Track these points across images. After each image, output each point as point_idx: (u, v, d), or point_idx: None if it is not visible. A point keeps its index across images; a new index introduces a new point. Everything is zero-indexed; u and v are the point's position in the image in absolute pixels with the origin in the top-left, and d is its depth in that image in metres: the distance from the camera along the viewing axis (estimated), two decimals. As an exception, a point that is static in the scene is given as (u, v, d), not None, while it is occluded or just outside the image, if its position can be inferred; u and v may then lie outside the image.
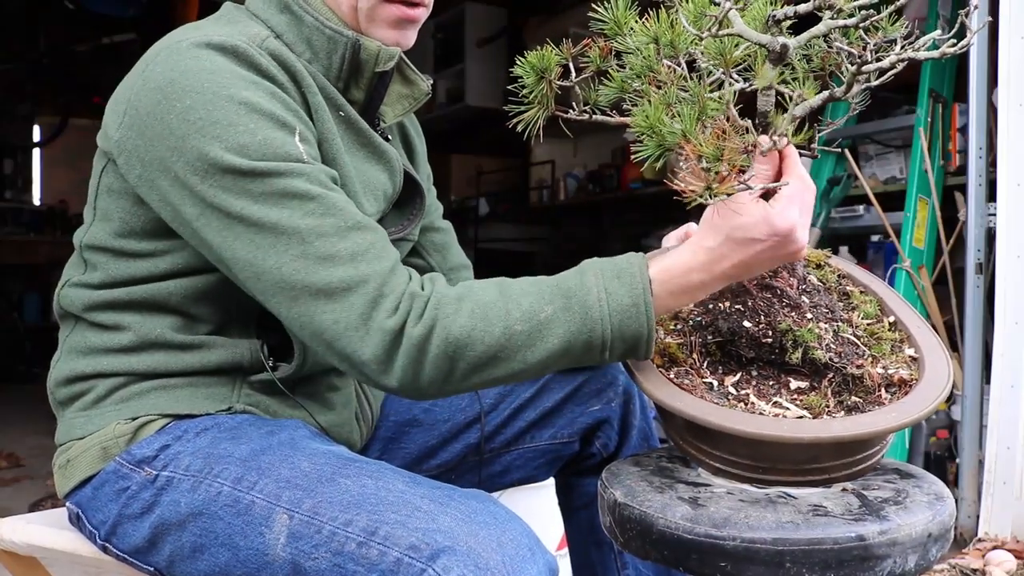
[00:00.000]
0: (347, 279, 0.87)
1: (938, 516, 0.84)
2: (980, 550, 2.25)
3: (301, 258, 0.87)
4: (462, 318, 0.87)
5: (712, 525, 0.81)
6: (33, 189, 7.11)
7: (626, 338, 0.88)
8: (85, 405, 1.02)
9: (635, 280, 0.88)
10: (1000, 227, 2.42)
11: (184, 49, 0.93)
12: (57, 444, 1.05)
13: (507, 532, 0.81)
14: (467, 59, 5.57)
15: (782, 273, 0.91)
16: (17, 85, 6.54)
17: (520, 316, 0.87)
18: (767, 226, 0.86)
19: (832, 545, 0.79)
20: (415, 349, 0.86)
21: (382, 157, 1.08)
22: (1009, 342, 2.38)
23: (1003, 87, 2.42)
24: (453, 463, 1.24)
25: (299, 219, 0.88)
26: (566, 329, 0.87)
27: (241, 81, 0.91)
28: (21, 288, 6.63)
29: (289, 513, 0.86)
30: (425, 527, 0.80)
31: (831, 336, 0.85)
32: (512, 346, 0.87)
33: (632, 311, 0.87)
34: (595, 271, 0.90)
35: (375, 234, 0.91)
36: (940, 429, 2.80)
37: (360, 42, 1.02)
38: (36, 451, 3.73)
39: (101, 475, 0.99)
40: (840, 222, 3.13)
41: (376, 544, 0.80)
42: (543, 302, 0.88)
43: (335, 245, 0.88)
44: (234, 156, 0.88)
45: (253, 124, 0.89)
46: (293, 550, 0.84)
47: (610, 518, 0.91)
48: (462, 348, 0.86)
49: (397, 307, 0.87)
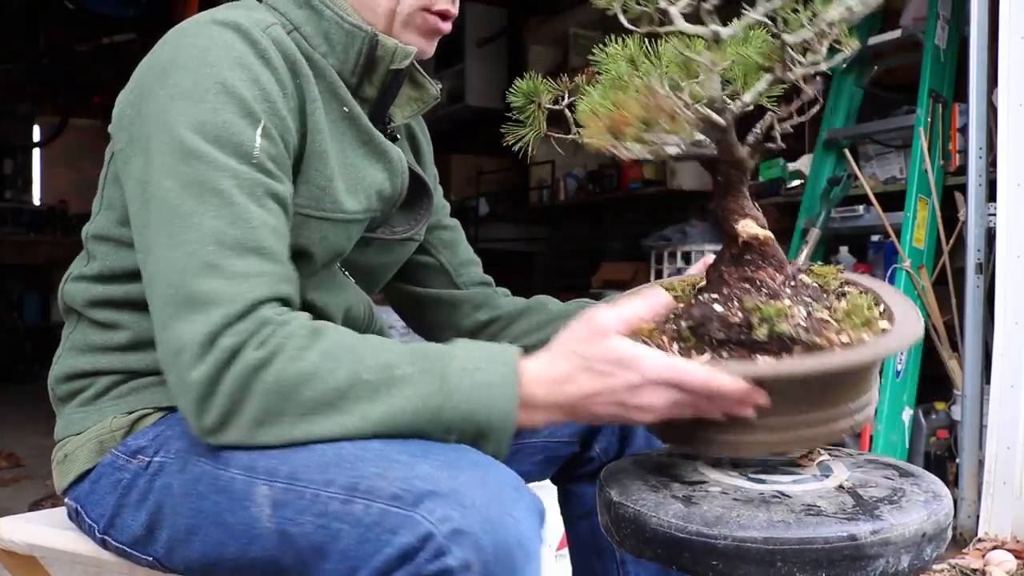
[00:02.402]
0: (217, 294, 0.82)
1: (933, 515, 0.84)
2: (980, 550, 2.25)
3: (190, 257, 0.84)
4: (311, 353, 0.81)
5: (704, 524, 0.81)
6: (33, 189, 7.12)
7: (481, 422, 0.82)
8: (83, 401, 1.03)
9: (507, 364, 0.84)
10: (1000, 227, 2.42)
11: (189, 27, 0.94)
12: (56, 440, 1.06)
13: (490, 473, 0.79)
14: (467, 59, 5.57)
15: (765, 268, 0.92)
16: (17, 85, 6.55)
17: (374, 366, 0.82)
18: (614, 352, 0.83)
19: (823, 544, 0.78)
20: (248, 373, 0.81)
21: (383, 157, 1.08)
22: (1009, 342, 2.38)
23: (1003, 87, 2.42)
24: None
25: (208, 218, 0.85)
26: (418, 391, 0.82)
27: (228, 60, 0.91)
28: (21, 288, 6.64)
29: (268, 483, 0.83)
30: (405, 475, 0.77)
31: (802, 315, 0.85)
32: (354, 395, 0.81)
33: (497, 391, 0.82)
34: (465, 345, 0.86)
35: (273, 265, 0.87)
36: (940, 429, 2.80)
37: (378, 38, 1.03)
38: (36, 451, 3.73)
39: (98, 469, 0.99)
40: (840, 222, 3.13)
41: (359, 499, 0.78)
42: (402, 360, 0.83)
43: (226, 258, 0.84)
44: (189, 132, 0.87)
45: (220, 104, 0.89)
46: (279, 519, 0.82)
47: (607, 517, 0.91)
48: (301, 384, 0.81)
49: (241, 328, 0.82)
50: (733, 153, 0.91)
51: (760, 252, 0.92)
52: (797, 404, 0.85)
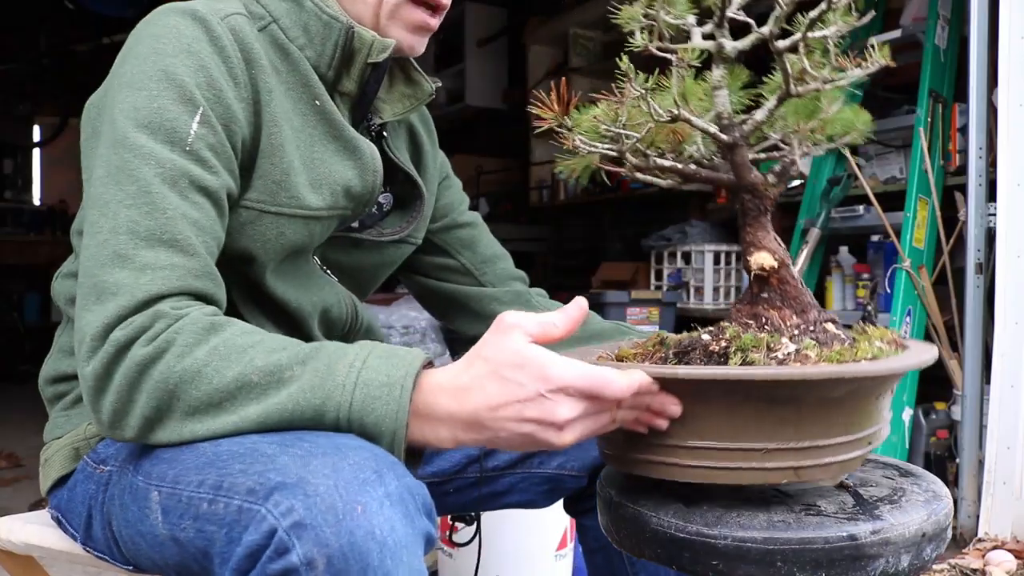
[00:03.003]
0: (120, 285, 0.80)
1: (933, 515, 0.83)
2: (980, 550, 2.25)
3: (102, 246, 0.82)
4: (200, 351, 0.78)
5: (704, 524, 0.81)
6: (33, 189, 7.12)
7: (367, 424, 0.76)
8: (66, 405, 1.03)
9: (404, 365, 0.77)
10: (1000, 227, 2.42)
11: (151, 17, 0.94)
12: (44, 442, 1.06)
13: (347, 457, 0.72)
14: (467, 59, 5.57)
15: (782, 309, 0.88)
16: (17, 85, 6.55)
17: (263, 367, 0.78)
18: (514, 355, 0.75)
19: (823, 544, 0.78)
20: (135, 371, 0.78)
21: (353, 153, 1.04)
22: (1009, 342, 2.38)
23: (1003, 87, 2.42)
24: (450, 472, 1.21)
25: (123, 207, 0.82)
26: (300, 387, 0.77)
27: (176, 48, 0.89)
28: (21, 288, 6.64)
29: (158, 489, 0.81)
30: (262, 469, 0.72)
31: (789, 350, 0.82)
32: (242, 397, 0.78)
33: (384, 391, 0.75)
34: (367, 344, 0.80)
35: (185, 259, 0.83)
36: (940, 429, 2.80)
37: (354, 29, 1.01)
38: (36, 451, 3.69)
39: (74, 476, 0.99)
40: (840, 222, 3.13)
41: (222, 498, 0.74)
42: (295, 361, 0.78)
43: (135, 249, 0.81)
44: (123, 119, 0.86)
45: (157, 91, 0.87)
46: (168, 525, 0.79)
47: (606, 517, 0.91)
48: (187, 383, 0.77)
49: (134, 322, 0.79)
50: (745, 175, 0.89)
51: (780, 292, 0.89)
52: (737, 430, 0.79)
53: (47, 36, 6.67)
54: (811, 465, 0.80)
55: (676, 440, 0.81)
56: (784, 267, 0.89)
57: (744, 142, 0.88)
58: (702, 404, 0.79)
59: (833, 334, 0.87)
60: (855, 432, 0.82)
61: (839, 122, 0.88)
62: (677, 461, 0.81)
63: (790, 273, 0.90)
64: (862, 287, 3.10)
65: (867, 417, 0.84)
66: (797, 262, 3.11)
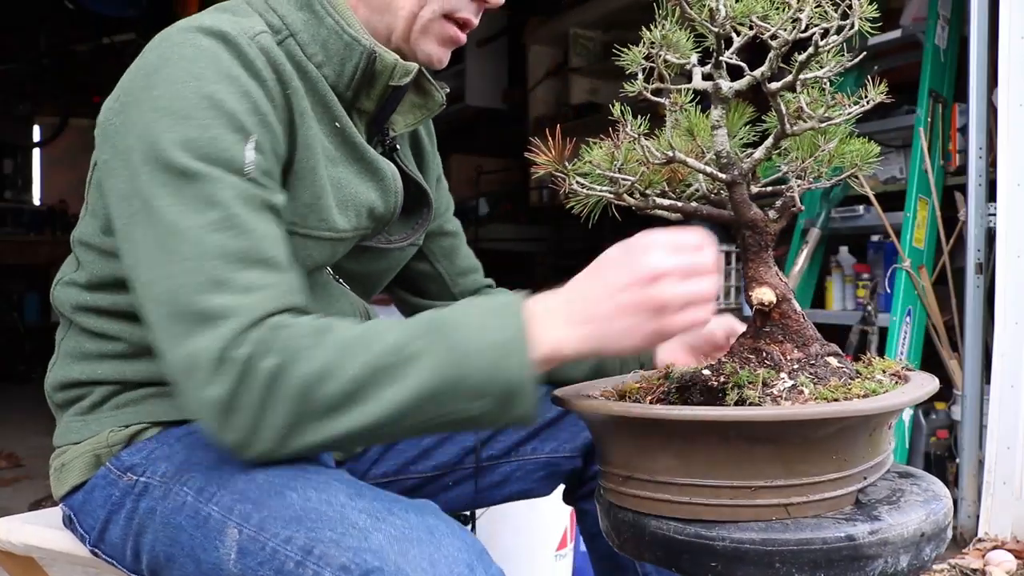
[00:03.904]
0: (227, 309, 0.81)
1: (932, 515, 0.84)
2: (980, 550, 2.25)
3: (194, 272, 0.82)
4: (320, 350, 0.80)
5: (702, 526, 0.81)
6: (33, 189, 7.12)
7: (500, 381, 0.80)
8: (81, 410, 1.02)
9: (514, 316, 0.82)
10: (1000, 227, 2.42)
11: (175, 34, 0.91)
12: (55, 446, 1.06)
13: (441, 549, 0.77)
14: (467, 59, 5.56)
15: (784, 343, 0.90)
16: (17, 85, 6.55)
17: (385, 348, 0.80)
18: (619, 247, 0.86)
19: (821, 545, 0.78)
20: (263, 385, 0.79)
21: (375, 175, 1.05)
22: (1009, 342, 2.38)
23: (1003, 87, 2.42)
24: (449, 465, 1.23)
25: (208, 232, 0.83)
26: (435, 362, 0.80)
27: (216, 73, 0.88)
28: (21, 288, 6.64)
29: (239, 527, 0.84)
30: (357, 546, 0.77)
31: (785, 386, 0.83)
32: (374, 382, 0.80)
33: (509, 346, 0.80)
34: (473, 305, 0.85)
35: (280, 275, 0.86)
36: (940, 429, 2.80)
37: (376, 53, 0.99)
38: (36, 451, 3.72)
39: (93, 480, 0.99)
40: (840, 222, 3.13)
41: (311, 564, 0.78)
42: (413, 336, 0.81)
43: (233, 272, 0.82)
44: (177, 150, 0.85)
45: (208, 120, 0.86)
46: (242, 566, 0.83)
47: (607, 522, 0.91)
48: (316, 383, 0.79)
49: (250, 337, 0.80)
50: (745, 212, 0.90)
51: (782, 326, 0.90)
52: (723, 467, 0.81)
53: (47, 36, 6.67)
54: (802, 502, 0.81)
55: (666, 477, 0.83)
56: (785, 302, 0.91)
57: (743, 180, 0.90)
58: (687, 442, 0.81)
59: (834, 368, 0.88)
60: (848, 468, 0.83)
61: (850, 154, 0.91)
62: (668, 498, 0.83)
63: (792, 307, 0.91)
64: (862, 287, 3.10)
65: (861, 453, 0.84)
66: (797, 262, 3.11)
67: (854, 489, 0.84)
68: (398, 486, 1.21)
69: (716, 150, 0.89)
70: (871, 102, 0.88)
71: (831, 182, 0.94)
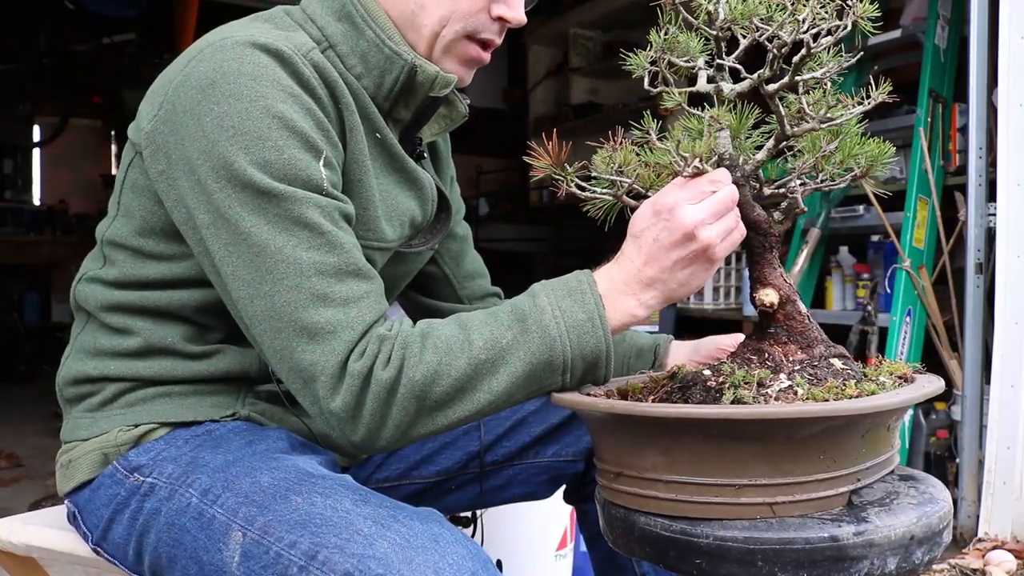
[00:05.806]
0: (334, 322, 0.86)
1: (924, 519, 0.83)
2: (980, 550, 2.26)
3: (295, 290, 0.87)
4: (428, 355, 0.86)
5: (687, 523, 0.82)
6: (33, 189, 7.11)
7: (585, 355, 0.88)
8: (91, 407, 1.03)
9: (586, 296, 0.90)
10: (1000, 227, 2.42)
11: (229, 47, 0.91)
12: (62, 441, 1.06)
13: (446, 557, 0.79)
14: (467, 59, 5.56)
15: (788, 344, 0.90)
16: (17, 85, 6.54)
17: (483, 345, 0.87)
18: (647, 209, 0.90)
19: (803, 545, 0.78)
20: (384, 392, 0.85)
21: (414, 184, 1.07)
22: (1009, 342, 2.38)
23: (1003, 87, 2.42)
24: (453, 471, 1.23)
25: (303, 251, 0.87)
26: (527, 351, 0.87)
27: (280, 92, 0.90)
28: (21, 288, 6.63)
29: (243, 531, 0.86)
30: (362, 553, 0.79)
31: (781, 387, 0.84)
32: (478, 375, 0.87)
33: (588, 326, 0.88)
34: (546, 292, 0.91)
35: (371, 283, 0.91)
36: (940, 429, 2.80)
37: (417, 66, 1.00)
38: (36, 451, 3.73)
39: (99, 479, 0.99)
40: (840, 222, 3.13)
41: (315, 569, 0.80)
42: (503, 328, 0.88)
43: (331, 286, 0.87)
44: (257, 171, 0.87)
45: (283, 141, 0.88)
46: (245, 569, 0.85)
47: (603, 519, 0.92)
48: (430, 384, 0.86)
49: (365, 351, 0.87)
50: (748, 214, 0.91)
51: (786, 327, 0.91)
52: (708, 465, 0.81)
53: (47, 36, 6.66)
54: (788, 501, 0.81)
55: (655, 474, 0.84)
56: (790, 303, 0.91)
57: (746, 182, 0.90)
58: (673, 439, 0.82)
59: (837, 370, 0.88)
60: (837, 469, 0.83)
61: (864, 155, 0.91)
62: (655, 494, 0.84)
63: (796, 309, 0.91)
64: (862, 287, 3.10)
65: (853, 454, 0.84)
66: (797, 262, 3.11)
67: (846, 490, 0.84)
68: (401, 491, 1.21)
69: (719, 152, 0.90)
70: (874, 102, 0.89)
71: (841, 183, 0.94)
